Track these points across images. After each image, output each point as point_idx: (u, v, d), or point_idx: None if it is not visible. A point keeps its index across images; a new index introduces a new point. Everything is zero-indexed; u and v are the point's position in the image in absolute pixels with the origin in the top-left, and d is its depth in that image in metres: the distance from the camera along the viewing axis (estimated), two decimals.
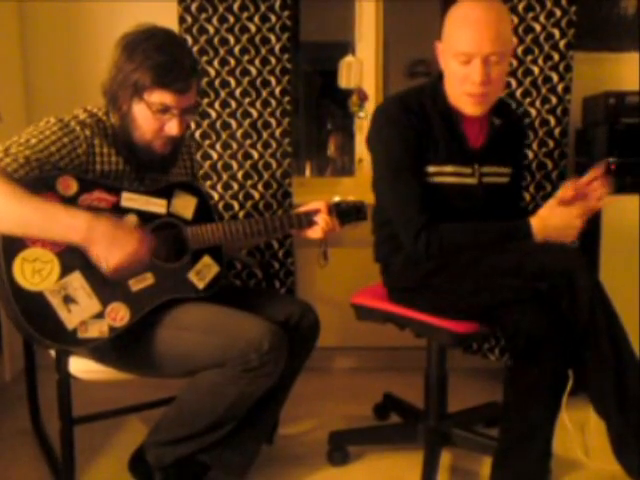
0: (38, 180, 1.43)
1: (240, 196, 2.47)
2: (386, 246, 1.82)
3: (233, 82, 2.41)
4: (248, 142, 2.45)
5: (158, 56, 1.48)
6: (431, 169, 1.69)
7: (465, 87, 1.63)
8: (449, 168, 1.70)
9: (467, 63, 1.60)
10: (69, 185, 1.47)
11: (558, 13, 2.37)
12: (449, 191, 1.71)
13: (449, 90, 1.69)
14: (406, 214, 1.68)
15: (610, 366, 1.47)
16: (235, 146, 2.45)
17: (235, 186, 2.47)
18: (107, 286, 1.49)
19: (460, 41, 1.59)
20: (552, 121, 2.43)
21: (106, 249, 1.42)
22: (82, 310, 1.45)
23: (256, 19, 2.38)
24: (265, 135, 2.45)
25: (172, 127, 1.54)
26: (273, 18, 2.38)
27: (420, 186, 1.68)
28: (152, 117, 1.53)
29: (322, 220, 1.67)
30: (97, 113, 1.58)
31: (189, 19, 2.36)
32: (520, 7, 2.37)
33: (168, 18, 2.32)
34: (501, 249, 1.59)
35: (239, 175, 2.46)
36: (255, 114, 2.43)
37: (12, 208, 1.37)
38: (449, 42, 1.64)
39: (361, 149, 2.66)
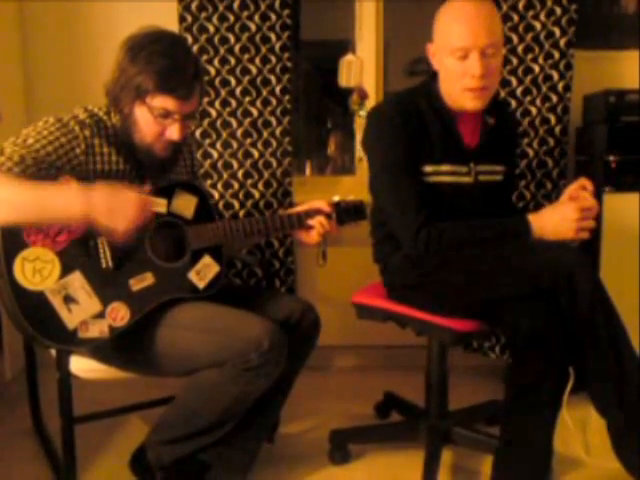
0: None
1: (240, 195, 2.47)
2: (385, 246, 1.82)
3: (233, 81, 2.41)
4: (248, 141, 2.45)
5: (162, 61, 1.47)
6: (427, 169, 1.70)
7: (464, 82, 1.64)
8: (445, 167, 1.71)
9: (464, 58, 1.61)
10: None
11: (558, 11, 2.37)
12: (445, 190, 1.71)
13: (447, 89, 1.70)
14: (404, 214, 1.67)
15: (610, 364, 1.47)
16: (235, 145, 2.44)
17: (235, 185, 2.47)
18: (107, 286, 1.49)
19: (456, 37, 1.61)
20: (552, 119, 2.42)
21: (109, 219, 1.37)
22: (83, 310, 1.45)
23: (256, 18, 2.38)
24: (265, 134, 2.45)
25: (173, 132, 1.54)
26: (273, 17, 2.38)
27: (417, 185, 1.68)
28: (153, 121, 1.52)
29: (318, 223, 1.68)
30: (98, 112, 1.58)
31: (189, 18, 2.36)
32: (520, 5, 2.37)
33: (168, 17, 2.32)
34: (501, 247, 1.59)
35: (239, 174, 2.46)
36: (255, 113, 2.43)
37: (5, 194, 1.34)
38: (443, 40, 1.65)
39: (361, 148, 2.65)
